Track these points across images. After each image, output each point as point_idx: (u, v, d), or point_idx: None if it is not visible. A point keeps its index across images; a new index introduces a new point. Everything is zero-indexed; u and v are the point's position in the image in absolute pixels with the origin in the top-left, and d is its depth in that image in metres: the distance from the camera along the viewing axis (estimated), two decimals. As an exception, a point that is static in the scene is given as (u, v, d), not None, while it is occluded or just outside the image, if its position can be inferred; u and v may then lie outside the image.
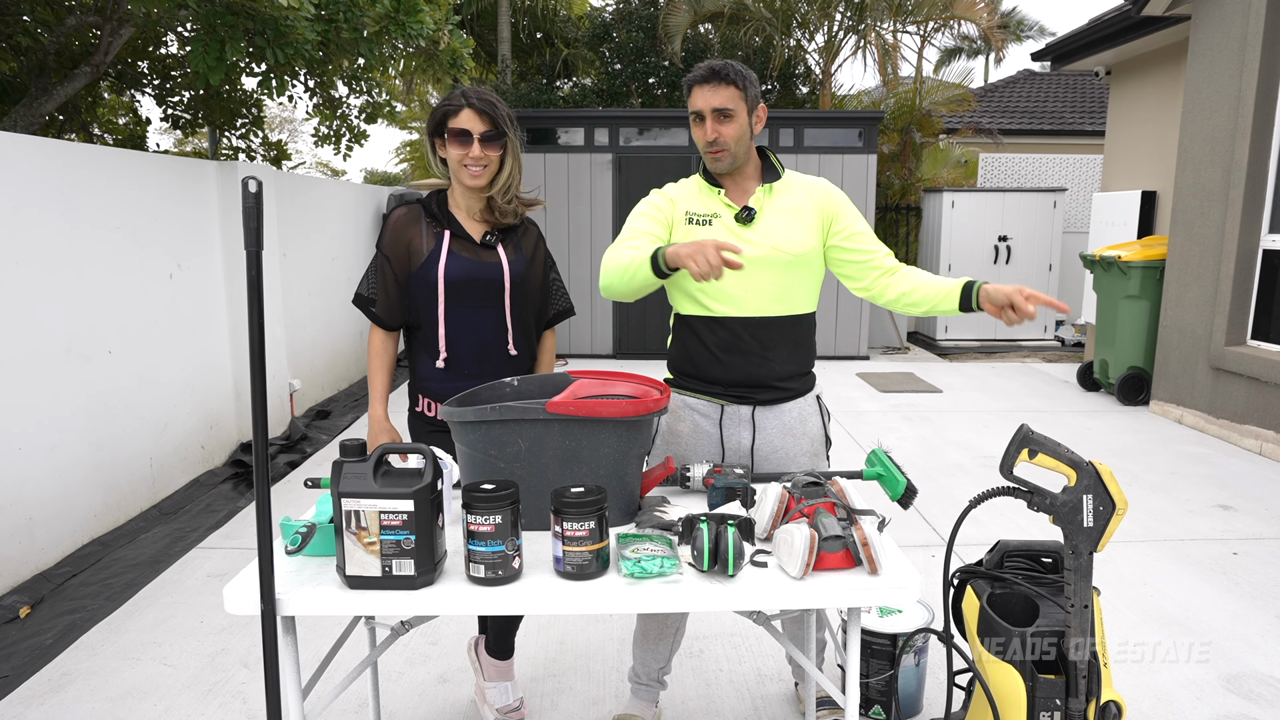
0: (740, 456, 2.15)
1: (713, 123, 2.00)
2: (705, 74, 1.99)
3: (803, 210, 2.10)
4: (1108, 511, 1.64)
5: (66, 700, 2.57)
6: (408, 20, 4.63)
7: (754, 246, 2.05)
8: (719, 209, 2.09)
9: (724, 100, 1.98)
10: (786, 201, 2.10)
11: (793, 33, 11.43)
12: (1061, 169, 12.15)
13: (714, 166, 2.07)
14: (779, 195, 2.10)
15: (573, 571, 1.52)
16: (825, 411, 2.26)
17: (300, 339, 6.04)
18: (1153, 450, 5.21)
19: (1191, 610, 3.13)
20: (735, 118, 2.00)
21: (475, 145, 2.06)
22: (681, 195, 2.15)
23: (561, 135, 8.43)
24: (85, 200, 3.70)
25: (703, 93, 2.00)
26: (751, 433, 2.14)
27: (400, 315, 2.21)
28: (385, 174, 22.31)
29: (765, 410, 2.14)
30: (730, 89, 1.98)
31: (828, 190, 2.14)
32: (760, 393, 2.13)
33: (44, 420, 3.40)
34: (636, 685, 2.41)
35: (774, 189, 2.11)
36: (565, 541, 1.51)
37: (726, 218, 2.08)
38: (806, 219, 2.09)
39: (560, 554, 1.52)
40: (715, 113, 1.99)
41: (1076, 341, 9.51)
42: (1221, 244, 5.51)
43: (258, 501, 1.38)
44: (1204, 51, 5.71)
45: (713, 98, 1.98)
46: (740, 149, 2.04)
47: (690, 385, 2.18)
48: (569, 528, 1.50)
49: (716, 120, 2.00)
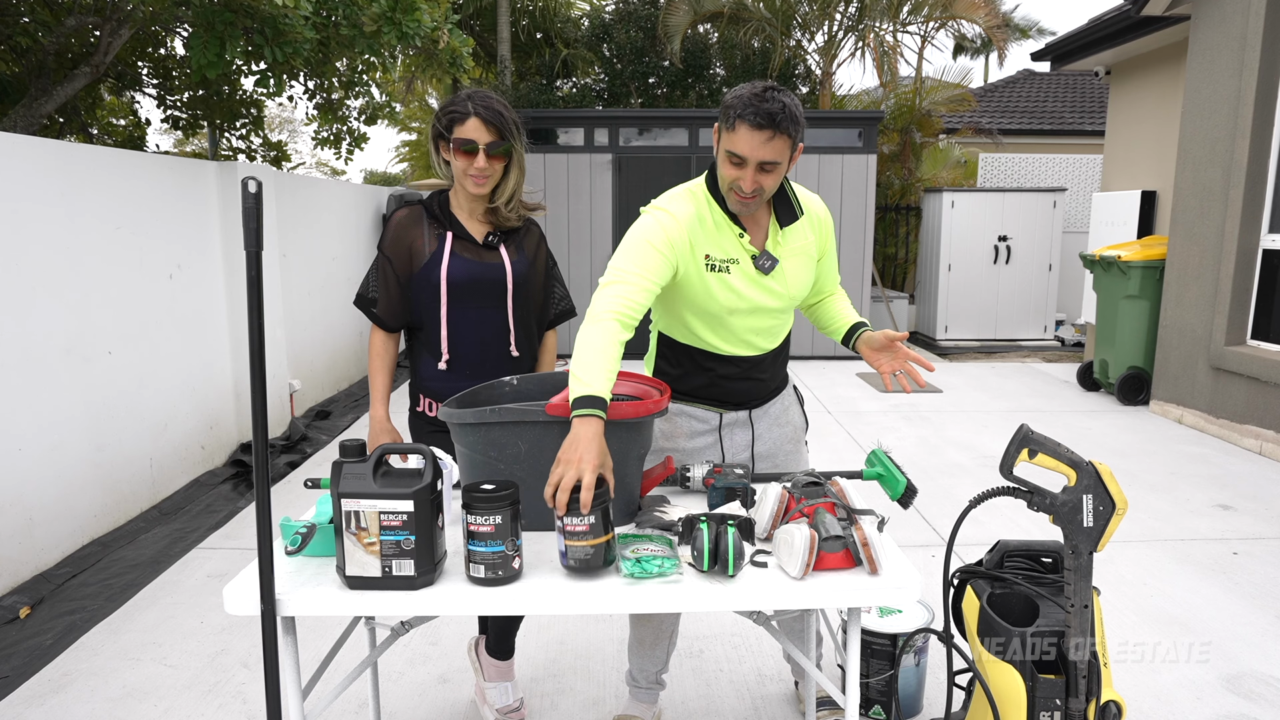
0: (740, 458, 2.17)
1: (754, 173, 1.79)
2: (762, 120, 1.72)
3: (809, 248, 2.02)
4: (1108, 511, 1.64)
5: (66, 701, 2.57)
6: (404, 19, 4.63)
7: (774, 298, 1.96)
8: (738, 254, 1.91)
9: (774, 153, 1.76)
10: (797, 243, 1.99)
11: (792, 33, 11.43)
12: (1061, 169, 12.15)
13: (740, 212, 1.88)
14: (793, 235, 1.98)
15: (576, 566, 1.52)
16: (800, 396, 2.31)
17: (300, 339, 6.04)
18: (1153, 450, 5.21)
19: (1191, 610, 3.13)
20: (778, 169, 1.81)
21: (480, 156, 2.05)
22: (698, 232, 1.89)
23: (561, 135, 8.43)
24: (85, 200, 3.70)
25: (753, 139, 1.74)
26: (751, 433, 2.17)
27: (402, 316, 2.21)
28: (385, 174, 22.30)
29: (759, 409, 2.19)
30: (784, 140, 1.76)
31: (822, 222, 2.06)
32: (755, 401, 2.17)
33: (44, 420, 3.40)
34: (635, 688, 2.41)
35: (787, 231, 1.96)
36: (567, 536, 1.51)
37: (745, 263, 1.92)
38: (810, 256, 2.04)
39: (564, 549, 1.52)
40: (761, 167, 1.78)
41: (1076, 341, 9.51)
42: (1221, 244, 5.51)
43: (258, 502, 1.38)
44: (1203, 51, 5.71)
45: (764, 150, 1.75)
46: (771, 193, 1.87)
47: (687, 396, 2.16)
48: (569, 522, 1.50)
49: (759, 171, 1.79)
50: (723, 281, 1.91)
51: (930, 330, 9.81)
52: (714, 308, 1.94)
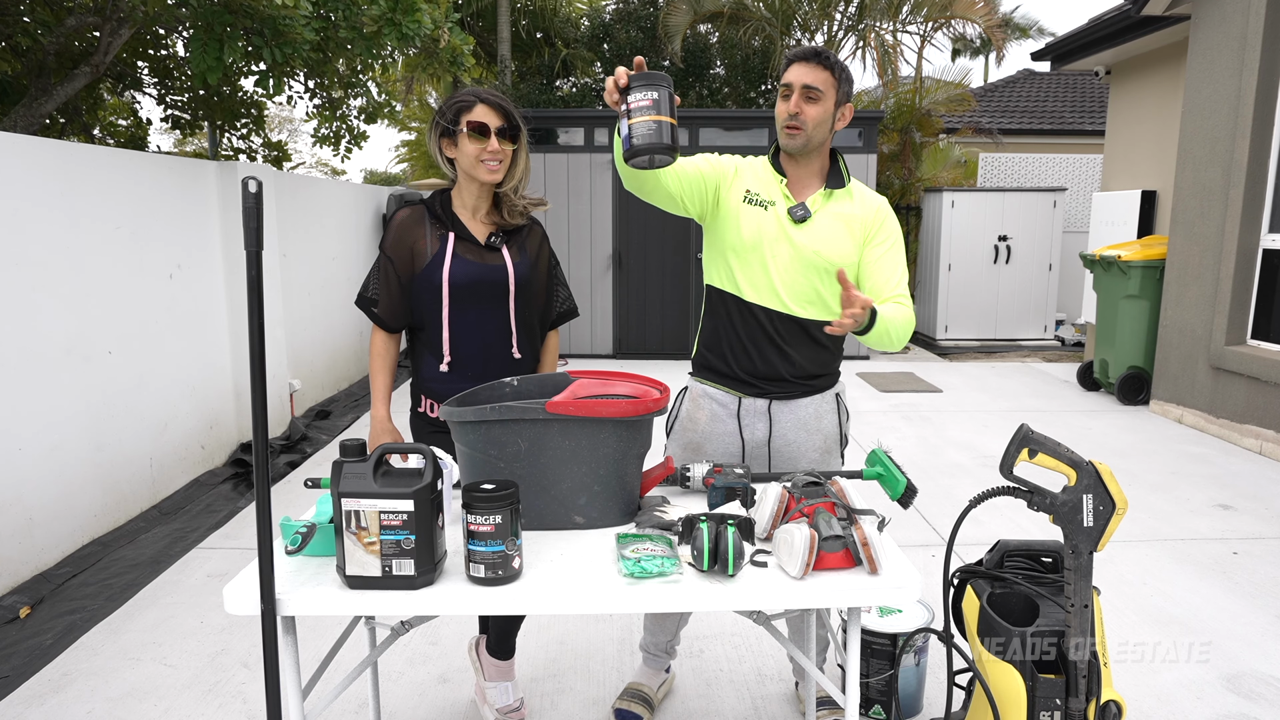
0: (757, 448, 2.18)
1: (799, 98, 2.01)
2: (806, 53, 2.02)
3: (852, 221, 2.10)
4: (1108, 511, 1.64)
5: (66, 701, 2.57)
6: (404, 20, 4.62)
7: (796, 246, 2.07)
8: (777, 198, 2.10)
9: (816, 80, 2.00)
10: (841, 209, 2.10)
11: (792, 33, 11.43)
12: (1061, 169, 12.15)
13: (786, 143, 2.07)
14: (836, 201, 2.11)
15: (640, 144, 1.63)
16: (844, 410, 2.27)
17: (300, 339, 6.04)
18: (1153, 450, 5.21)
19: (1191, 610, 3.13)
20: (821, 101, 2.01)
21: (493, 139, 2.06)
22: (746, 169, 2.16)
23: (561, 135, 8.43)
24: (85, 200, 3.70)
25: (798, 69, 2.02)
26: (768, 425, 2.16)
27: (403, 317, 2.21)
28: (385, 174, 22.29)
29: (782, 404, 2.17)
30: (825, 73, 2.01)
31: (879, 209, 2.14)
32: (777, 386, 2.15)
33: (44, 420, 3.40)
34: (647, 655, 2.53)
35: (834, 194, 2.11)
36: (631, 115, 1.64)
37: (781, 208, 2.09)
38: (853, 230, 2.10)
39: (626, 131, 1.65)
40: (804, 89, 2.00)
41: (1076, 341, 9.51)
42: (1221, 244, 5.51)
43: (258, 501, 1.38)
44: (1204, 51, 5.71)
45: (806, 74, 2.00)
46: (817, 135, 2.04)
47: (711, 374, 2.21)
48: (633, 99, 1.65)
49: (803, 97, 2.01)
50: (756, 215, 2.09)
51: (930, 330, 9.82)
52: (750, 238, 2.09)
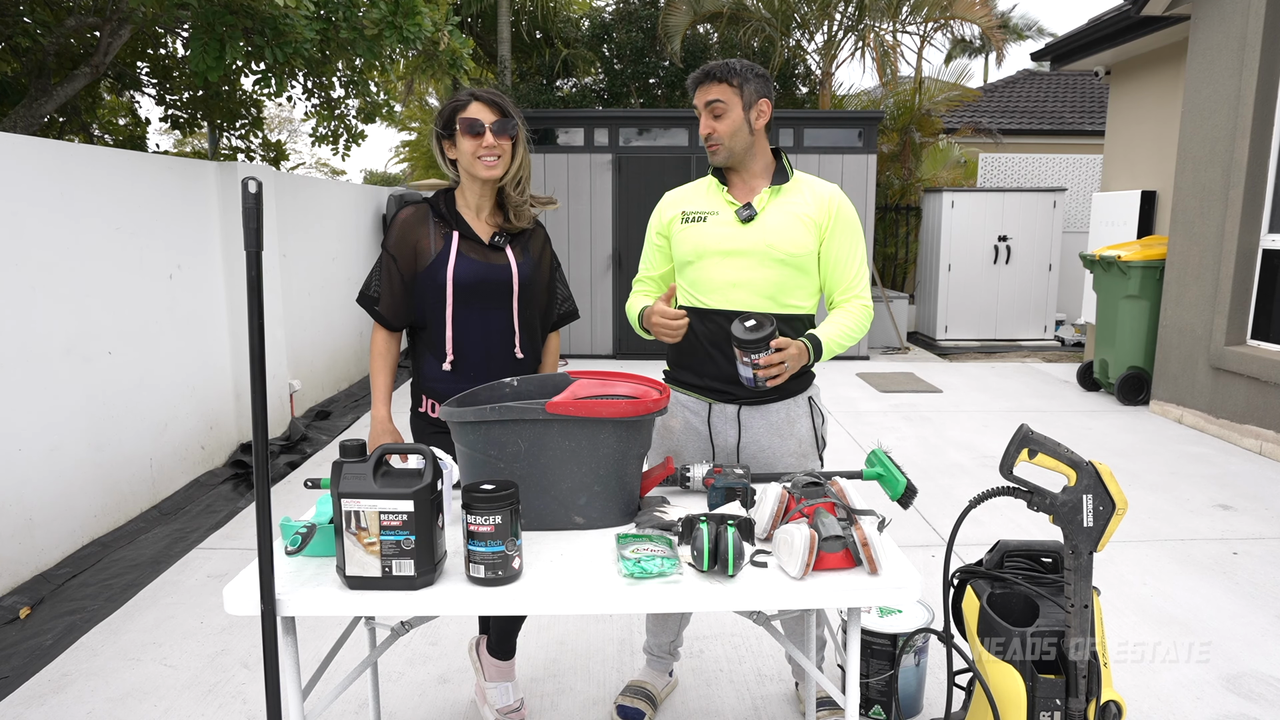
0: (728, 454, 2.18)
1: (706, 118, 2.12)
2: (699, 75, 2.12)
3: (806, 213, 2.13)
4: (1108, 511, 1.64)
5: (66, 701, 2.57)
6: (405, 24, 4.62)
7: (747, 243, 2.11)
8: (720, 206, 2.16)
9: (715, 94, 2.09)
10: (792, 202, 2.14)
11: (792, 33, 11.44)
12: (1061, 169, 12.16)
13: (712, 160, 2.17)
14: (786, 196, 2.15)
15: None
16: (819, 413, 2.25)
17: (300, 339, 6.04)
18: (1153, 450, 5.21)
19: (1191, 610, 3.13)
20: (728, 113, 2.09)
21: (488, 134, 2.06)
22: (682, 197, 2.26)
23: (561, 135, 8.43)
24: (85, 200, 3.70)
25: (699, 92, 2.13)
26: (738, 431, 2.16)
27: (405, 316, 2.20)
28: (385, 174, 22.28)
29: (751, 409, 2.16)
30: (721, 85, 2.09)
31: (833, 200, 2.15)
32: (746, 391, 2.14)
33: (44, 421, 3.40)
34: (651, 657, 2.53)
35: (782, 190, 2.16)
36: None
37: (726, 214, 2.15)
38: (807, 222, 2.12)
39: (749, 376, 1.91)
40: (708, 106, 2.10)
41: (1076, 341, 9.51)
42: (1221, 244, 5.51)
43: (258, 502, 1.38)
44: (1203, 51, 5.71)
45: (705, 94, 2.11)
46: (736, 144, 2.12)
47: (682, 380, 2.24)
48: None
49: (709, 115, 2.11)
50: (696, 229, 2.17)
51: (930, 330, 9.82)
52: (690, 253, 2.17)
